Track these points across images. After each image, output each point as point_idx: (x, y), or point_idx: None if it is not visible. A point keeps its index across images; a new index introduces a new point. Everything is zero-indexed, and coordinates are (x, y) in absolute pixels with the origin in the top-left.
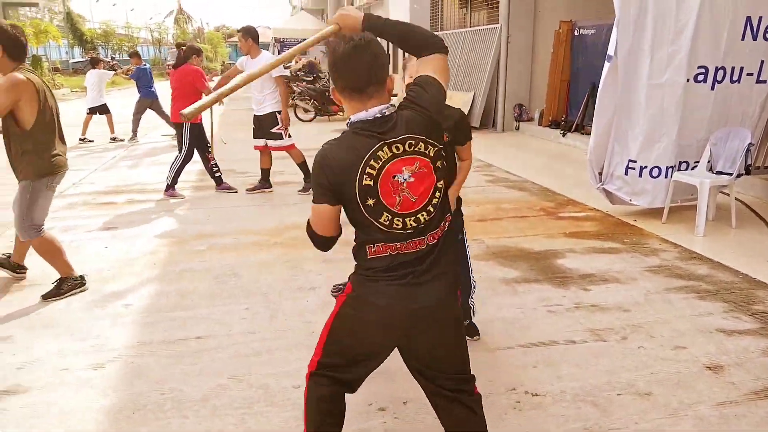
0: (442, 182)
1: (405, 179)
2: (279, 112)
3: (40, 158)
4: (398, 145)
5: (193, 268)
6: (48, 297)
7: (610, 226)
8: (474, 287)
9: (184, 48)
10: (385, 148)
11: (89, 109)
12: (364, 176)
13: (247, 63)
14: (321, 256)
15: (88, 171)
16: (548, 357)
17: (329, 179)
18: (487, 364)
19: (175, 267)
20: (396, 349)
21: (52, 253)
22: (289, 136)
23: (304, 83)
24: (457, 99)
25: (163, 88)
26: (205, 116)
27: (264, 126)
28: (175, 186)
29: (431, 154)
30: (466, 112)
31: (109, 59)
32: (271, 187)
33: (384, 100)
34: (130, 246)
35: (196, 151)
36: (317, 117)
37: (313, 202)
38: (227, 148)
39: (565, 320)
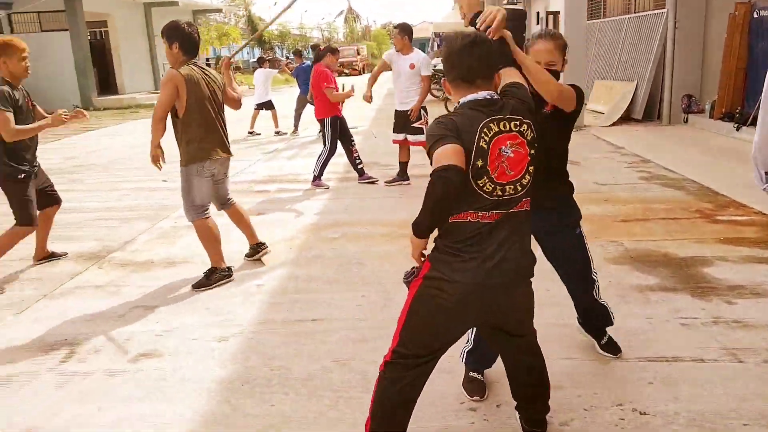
0: (533, 167)
1: (507, 153)
2: (423, 108)
3: (189, 146)
4: (505, 122)
5: (324, 254)
6: (197, 287)
7: None
8: (597, 285)
9: (320, 48)
10: (493, 124)
11: (256, 105)
12: (481, 139)
13: (396, 59)
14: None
15: (252, 161)
16: (668, 374)
17: (454, 129)
18: (596, 375)
19: (308, 252)
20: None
21: (207, 239)
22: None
23: None
24: (618, 89)
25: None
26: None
27: (407, 120)
28: (321, 177)
29: (528, 138)
30: (626, 104)
31: (283, 59)
32: (408, 180)
33: (492, 87)
34: (272, 231)
35: (340, 144)
36: None
37: (438, 147)
38: (374, 142)
39: (699, 335)
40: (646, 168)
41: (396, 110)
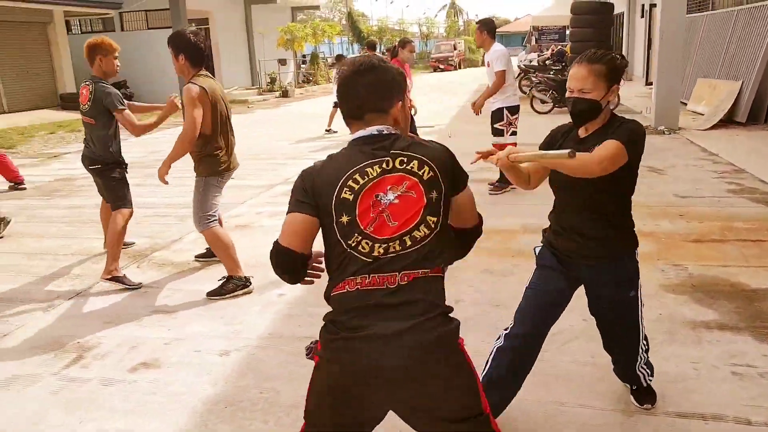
0: (436, 219)
1: (388, 200)
2: (508, 108)
3: (213, 158)
4: (389, 160)
5: None
6: (212, 295)
7: None
8: (646, 350)
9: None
10: (375, 166)
11: (335, 102)
12: (345, 189)
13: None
14: (481, 266)
15: (316, 161)
16: None
17: (311, 187)
18: (615, 427)
19: None
20: None
21: (219, 247)
22: (513, 134)
23: (551, 73)
24: (722, 88)
25: (419, 81)
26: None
27: (493, 121)
28: None
29: (425, 177)
30: (729, 105)
31: (380, 53)
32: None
33: (388, 121)
34: None
35: None
36: (555, 109)
37: (288, 212)
38: (451, 141)
39: (753, 389)
40: (738, 179)
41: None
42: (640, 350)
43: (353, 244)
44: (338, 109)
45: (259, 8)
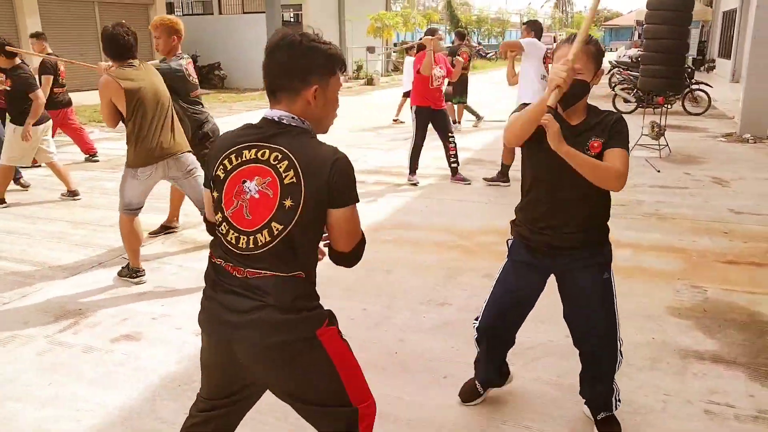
0: (282, 227)
1: (250, 191)
2: (524, 105)
3: (131, 149)
4: (265, 150)
5: (364, 257)
6: (120, 274)
7: None
8: (619, 361)
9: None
10: (253, 150)
11: (404, 92)
12: (220, 166)
13: None
14: (483, 270)
15: (371, 151)
16: None
17: (208, 158)
18: None
19: None
20: None
21: (122, 235)
22: None
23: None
24: None
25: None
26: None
27: None
28: (414, 172)
29: (285, 181)
30: None
31: (476, 44)
32: (508, 182)
33: (296, 111)
34: None
35: (439, 137)
36: (639, 108)
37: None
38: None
39: (722, 430)
40: None
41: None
42: (618, 354)
43: (217, 221)
44: (407, 99)
45: None
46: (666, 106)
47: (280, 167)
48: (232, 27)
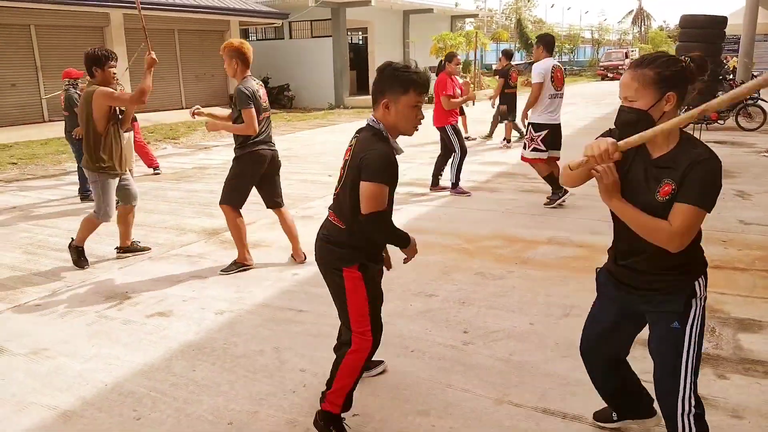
0: (340, 186)
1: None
2: (533, 124)
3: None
4: (353, 139)
5: None
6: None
7: None
8: (685, 412)
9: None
10: (352, 140)
11: (460, 109)
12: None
13: None
14: (478, 269)
15: (412, 164)
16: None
17: None
18: (478, 411)
19: None
20: None
21: (83, 225)
22: (534, 150)
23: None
24: None
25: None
26: None
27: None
28: (459, 183)
29: (346, 157)
30: None
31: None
32: (565, 192)
33: (377, 116)
34: None
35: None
36: (690, 125)
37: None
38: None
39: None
40: None
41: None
42: (679, 418)
43: None
44: (464, 116)
45: (417, 17)
46: (719, 122)
47: (350, 149)
48: (301, 50)
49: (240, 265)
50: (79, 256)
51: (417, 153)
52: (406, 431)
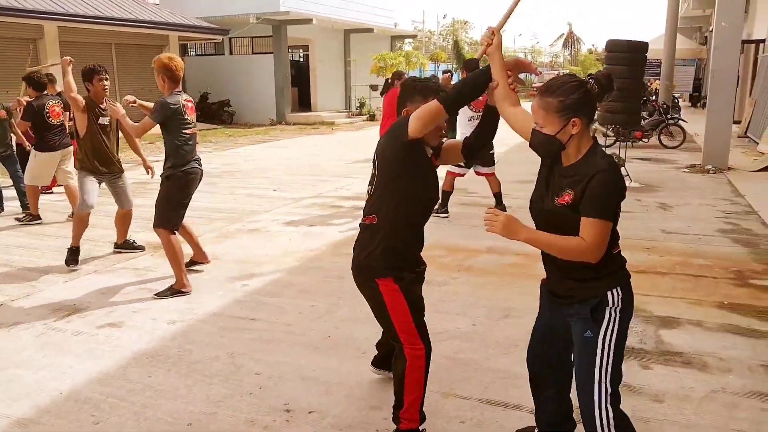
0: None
1: None
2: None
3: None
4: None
5: (323, 266)
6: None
7: None
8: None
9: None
10: None
11: None
12: None
13: None
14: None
15: (356, 180)
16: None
17: None
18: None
19: (311, 263)
20: None
21: (75, 223)
22: (456, 165)
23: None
24: None
25: None
26: None
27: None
28: None
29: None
30: None
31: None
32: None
33: None
34: (305, 242)
35: None
36: (617, 142)
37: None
38: None
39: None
40: (740, 220)
41: None
42: (597, 411)
43: None
44: None
45: (358, 37)
46: (644, 140)
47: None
48: (242, 66)
49: (177, 291)
50: (71, 255)
51: (361, 168)
52: (360, 424)
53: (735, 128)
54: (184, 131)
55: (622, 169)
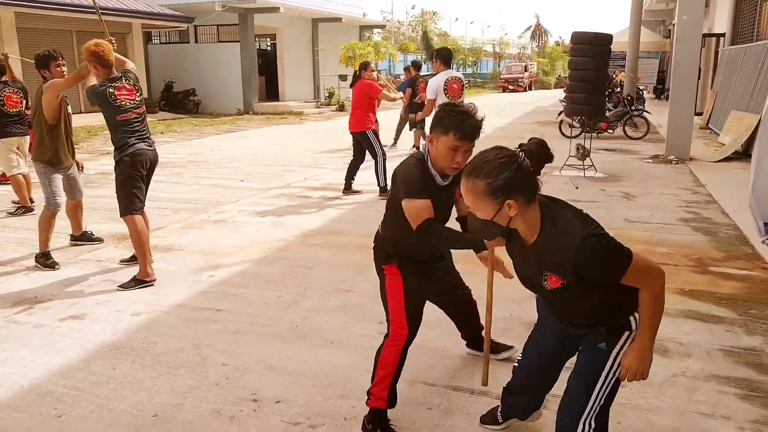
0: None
1: None
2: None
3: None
4: None
5: (289, 257)
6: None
7: (759, 293)
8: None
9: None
10: None
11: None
12: None
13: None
14: None
15: (325, 170)
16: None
17: None
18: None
19: (278, 254)
20: None
21: (39, 227)
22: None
23: None
24: (747, 121)
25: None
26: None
27: None
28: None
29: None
30: (745, 138)
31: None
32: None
33: (430, 148)
34: (272, 232)
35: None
36: (582, 133)
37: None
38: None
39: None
40: (701, 209)
41: None
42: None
43: None
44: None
45: (326, 26)
46: (609, 131)
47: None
48: (208, 55)
49: (140, 281)
50: (47, 259)
51: (330, 159)
52: (328, 413)
53: (697, 120)
54: (118, 116)
55: (587, 159)
